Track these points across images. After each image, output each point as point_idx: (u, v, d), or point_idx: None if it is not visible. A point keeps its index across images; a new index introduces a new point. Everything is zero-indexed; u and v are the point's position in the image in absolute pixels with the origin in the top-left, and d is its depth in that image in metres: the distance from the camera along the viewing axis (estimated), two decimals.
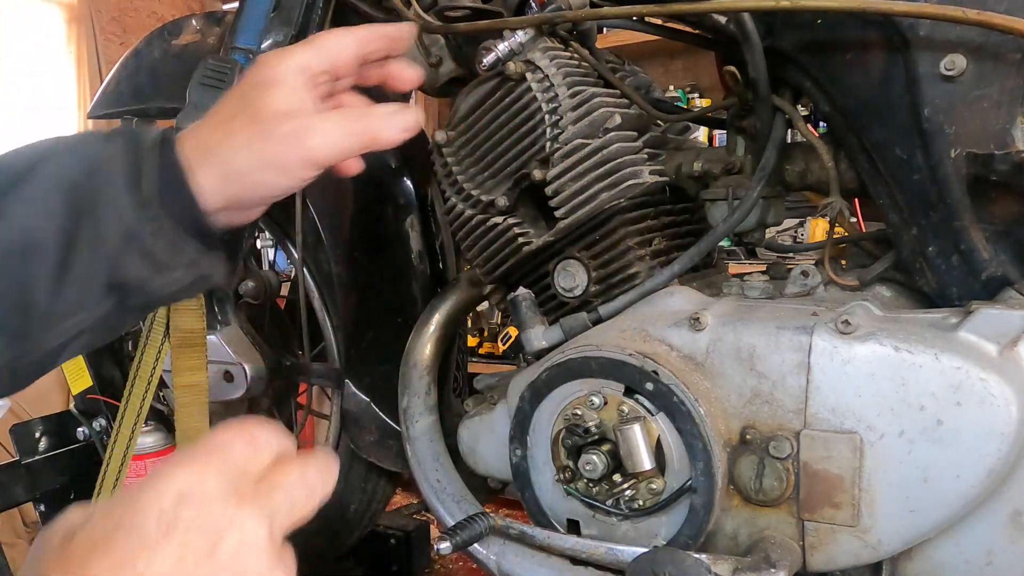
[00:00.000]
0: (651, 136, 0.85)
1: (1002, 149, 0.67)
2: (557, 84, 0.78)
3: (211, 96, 0.96)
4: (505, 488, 0.88)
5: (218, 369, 1.14)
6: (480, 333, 2.57)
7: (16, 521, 2.36)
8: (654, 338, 0.71)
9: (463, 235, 0.88)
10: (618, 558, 0.67)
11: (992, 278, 0.70)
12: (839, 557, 0.65)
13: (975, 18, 0.61)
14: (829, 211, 0.73)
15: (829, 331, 0.64)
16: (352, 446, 1.15)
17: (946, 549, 0.65)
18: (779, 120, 0.77)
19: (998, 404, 0.59)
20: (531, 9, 0.85)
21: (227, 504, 0.35)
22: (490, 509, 0.76)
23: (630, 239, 0.79)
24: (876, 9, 0.65)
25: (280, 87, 0.57)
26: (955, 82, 0.67)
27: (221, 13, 1.28)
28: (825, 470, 0.64)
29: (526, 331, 0.81)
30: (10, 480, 1.20)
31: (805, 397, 0.65)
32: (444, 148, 0.87)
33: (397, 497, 1.65)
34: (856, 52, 0.71)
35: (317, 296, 1.18)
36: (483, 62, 0.81)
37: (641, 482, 0.69)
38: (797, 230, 2.28)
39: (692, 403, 0.66)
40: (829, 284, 0.78)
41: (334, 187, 1.11)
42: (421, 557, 1.40)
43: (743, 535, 0.69)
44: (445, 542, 0.66)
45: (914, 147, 0.70)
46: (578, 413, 0.71)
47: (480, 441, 0.85)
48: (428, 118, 3.19)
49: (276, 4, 1.03)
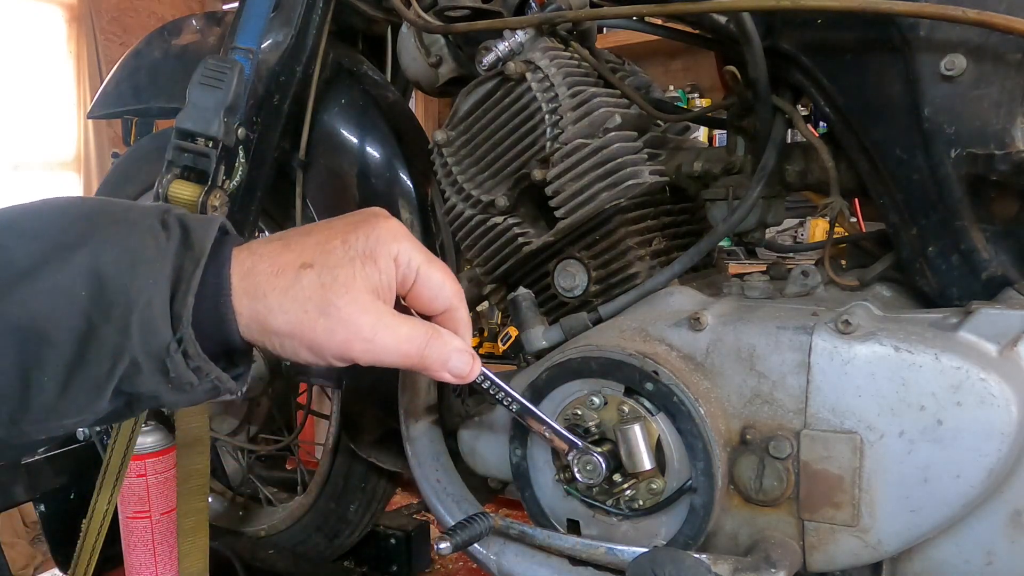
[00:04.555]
0: (651, 136, 0.85)
1: (1002, 149, 0.67)
2: (557, 84, 0.78)
3: (211, 96, 0.97)
4: (505, 488, 0.88)
5: None
6: (480, 333, 2.57)
7: (16, 521, 2.36)
8: (654, 338, 0.71)
9: (463, 235, 0.88)
10: (618, 558, 0.67)
11: (992, 278, 0.70)
12: (839, 557, 0.65)
13: (975, 18, 0.61)
14: (829, 211, 0.73)
15: (829, 331, 0.64)
16: (352, 446, 1.15)
17: (946, 549, 0.65)
18: (779, 120, 0.77)
19: (998, 404, 0.59)
20: (531, 9, 0.85)
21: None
22: (490, 509, 0.76)
23: (630, 239, 0.79)
24: (876, 9, 0.65)
25: (372, 266, 0.51)
26: (955, 82, 0.67)
27: (221, 13, 1.28)
28: (825, 470, 0.64)
29: (526, 331, 0.81)
30: (10, 480, 1.20)
31: (805, 397, 0.65)
32: (444, 148, 0.87)
33: (397, 497, 1.64)
34: (856, 52, 0.71)
35: None
36: (483, 62, 0.81)
37: (641, 482, 0.69)
38: (797, 230, 2.28)
39: (692, 403, 0.66)
40: (829, 284, 0.78)
41: (334, 187, 1.11)
42: (421, 557, 1.40)
43: (743, 535, 0.69)
44: (445, 542, 0.66)
45: (914, 147, 0.70)
46: (578, 413, 0.71)
47: (480, 441, 0.84)
48: (428, 118, 3.19)
49: (276, 4, 1.03)
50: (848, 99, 0.73)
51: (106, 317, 0.46)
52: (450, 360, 0.55)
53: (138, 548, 1.09)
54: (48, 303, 0.45)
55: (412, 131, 1.13)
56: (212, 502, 1.37)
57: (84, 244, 0.47)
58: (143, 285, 0.46)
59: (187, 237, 0.49)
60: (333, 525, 1.27)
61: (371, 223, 0.53)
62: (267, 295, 0.49)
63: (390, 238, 0.52)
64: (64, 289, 0.45)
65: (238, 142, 1.00)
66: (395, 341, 0.52)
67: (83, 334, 0.46)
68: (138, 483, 1.08)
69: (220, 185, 0.99)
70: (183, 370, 0.48)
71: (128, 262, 0.47)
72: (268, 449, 1.40)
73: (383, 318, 0.51)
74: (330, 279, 0.50)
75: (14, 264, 0.45)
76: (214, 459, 1.40)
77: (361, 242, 0.51)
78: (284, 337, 0.50)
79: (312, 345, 0.50)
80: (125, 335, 0.46)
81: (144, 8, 3.70)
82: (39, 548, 2.31)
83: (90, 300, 0.46)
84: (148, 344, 0.46)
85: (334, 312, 0.50)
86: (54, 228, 0.48)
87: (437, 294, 0.55)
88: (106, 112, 1.32)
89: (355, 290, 0.50)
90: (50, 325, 0.45)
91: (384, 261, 0.52)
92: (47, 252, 0.46)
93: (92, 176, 3.41)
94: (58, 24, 3.36)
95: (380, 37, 1.25)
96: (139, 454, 1.07)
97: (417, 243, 0.54)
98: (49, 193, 2.93)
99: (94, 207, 0.51)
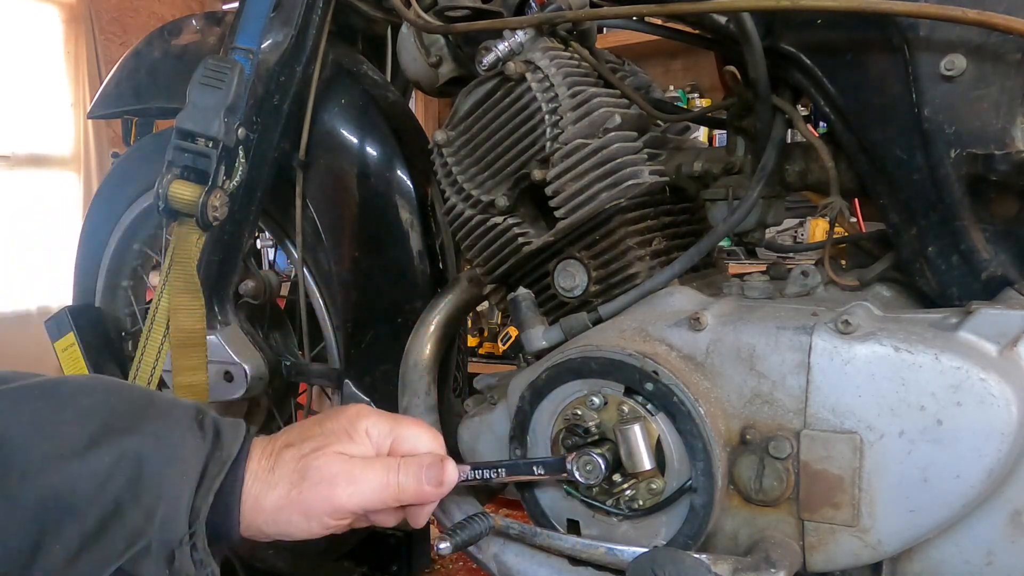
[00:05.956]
0: (651, 136, 0.85)
1: (1002, 149, 0.67)
2: (557, 84, 0.78)
3: (211, 96, 0.97)
4: (505, 488, 0.88)
5: (218, 369, 1.14)
6: (480, 333, 2.57)
7: None
8: (654, 338, 0.71)
9: (463, 235, 0.87)
10: (618, 558, 0.67)
11: (992, 278, 0.70)
12: (839, 557, 0.65)
13: (975, 18, 0.61)
14: (829, 211, 0.73)
15: (829, 331, 0.64)
16: None
17: (946, 549, 0.65)
18: (779, 120, 0.77)
19: (998, 404, 0.59)
20: (531, 9, 0.85)
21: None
22: (490, 509, 0.76)
23: (630, 239, 0.79)
24: (876, 9, 0.65)
25: (348, 440, 0.59)
26: (955, 82, 0.67)
27: (221, 13, 1.28)
28: (825, 470, 0.64)
29: (526, 331, 0.81)
30: None
31: (805, 397, 0.65)
32: (444, 148, 0.87)
33: None
34: (856, 52, 0.71)
35: (317, 296, 1.18)
36: (483, 62, 0.81)
37: (641, 482, 0.69)
38: (797, 230, 2.28)
39: (692, 403, 0.66)
40: (829, 284, 0.78)
41: (334, 187, 1.11)
42: (421, 557, 1.40)
43: (743, 535, 0.69)
44: (445, 542, 0.66)
45: (914, 147, 0.70)
46: (578, 413, 0.71)
47: (480, 441, 0.84)
48: (428, 118, 3.19)
49: (276, 4, 1.03)
50: (848, 99, 0.73)
51: (136, 502, 0.50)
52: (427, 473, 0.60)
53: None
54: (90, 480, 0.49)
55: (412, 131, 1.13)
56: None
57: (133, 432, 0.51)
58: (176, 479, 0.51)
59: (218, 440, 0.55)
60: None
61: (344, 409, 0.61)
62: (257, 478, 0.56)
63: (360, 416, 0.60)
64: (106, 470, 0.49)
65: (238, 142, 1.00)
66: (375, 474, 0.58)
67: (109, 513, 0.49)
68: None
69: (220, 185, 0.99)
70: (187, 562, 0.52)
71: (167, 457, 0.52)
72: None
73: (357, 464, 0.58)
74: (308, 449, 0.57)
75: (71, 439, 0.50)
76: None
77: (333, 423, 0.60)
78: (278, 512, 0.55)
79: (302, 508, 0.56)
80: (149, 522, 0.50)
81: (144, 8, 3.70)
82: None
83: (126, 485, 0.50)
84: (166, 533, 0.50)
85: (314, 472, 0.56)
86: (105, 410, 0.52)
87: (415, 445, 0.62)
88: (106, 112, 1.32)
89: (328, 452, 0.57)
90: (82, 500, 0.49)
91: (359, 436, 0.59)
92: (98, 435, 0.50)
93: (92, 176, 3.41)
94: (55, 24, 3.36)
95: (380, 37, 1.25)
96: None
97: (385, 414, 0.62)
98: (48, 194, 2.95)
99: (143, 397, 0.55)
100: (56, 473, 0.49)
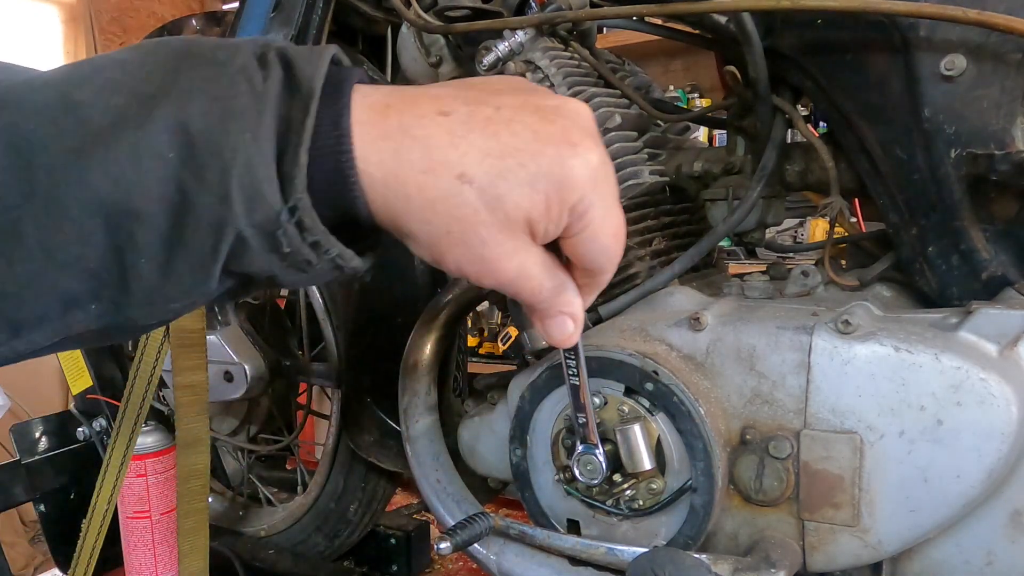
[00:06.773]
0: (651, 136, 0.85)
1: (1002, 149, 0.67)
2: (557, 84, 0.78)
3: None
4: (505, 488, 0.88)
5: (218, 369, 1.14)
6: (480, 333, 2.57)
7: (16, 521, 2.36)
8: (654, 338, 0.71)
9: None
10: (618, 558, 0.67)
11: (992, 278, 0.70)
12: (839, 557, 0.65)
13: (975, 18, 0.61)
14: (829, 211, 0.73)
15: (829, 331, 0.64)
16: (352, 446, 1.15)
17: (946, 549, 0.65)
18: (779, 120, 0.77)
19: (998, 404, 0.59)
20: (531, 9, 0.85)
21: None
22: (490, 509, 0.76)
23: (630, 239, 0.79)
24: (876, 9, 0.65)
25: (542, 205, 0.41)
26: (955, 82, 0.67)
27: (221, 13, 1.28)
28: (825, 470, 0.64)
29: (526, 331, 0.81)
30: (10, 480, 1.20)
31: (805, 397, 0.65)
32: None
33: (397, 497, 1.65)
34: (856, 52, 0.71)
35: (317, 296, 1.18)
36: (483, 62, 0.81)
37: (641, 482, 0.69)
38: (797, 230, 2.28)
39: (692, 403, 0.66)
40: (829, 284, 0.78)
41: None
42: (421, 557, 1.40)
43: (743, 535, 0.69)
44: (445, 542, 0.66)
45: (914, 147, 0.70)
46: None
47: (480, 441, 0.84)
48: None
49: (276, 4, 1.03)
50: (848, 99, 0.73)
51: (201, 184, 0.37)
52: (565, 316, 0.47)
53: (138, 548, 1.09)
54: (132, 169, 0.37)
55: None
56: (212, 502, 1.37)
57: (166, 95, 0.38)
58: (238, 142, 0.37)
59: (291, 76, 0.39)
60: (333, 525, 1.27)
61: (567, 150, 0.42)
62: (409, 196, 0.39)
63: (580, 181, 0.42)
64: (148, 151, 0.37)
65: None
66: (543, 271, 0.44)
67: (177, 206, 0.37)
68: (138, 483, 1.08)
69: None
70: (299, 245, 0.39)
71: (218, 114, 0.38)
72: (268, 449, 1.40)
73: (529, 257, 0.43)
74: (491, 206, 0.40)
75: (91, 123, 0.37)
76: (214, 459, 1.40)
77: (545, 167, 0.41)
78: (420, 246, 0.42)
79: (451, 266, 0.42)
80: (225, 205, 0.37)
81: (144, 8, 3.70)
82: (39, 548, 2.31)
83: (180, 163, 0.37)
84: (253, 215, 0.38)
85: (478, 247, 0.41)
86: (135, 78, 0.38)
87: (592, 257, 0.45)
88: None
89: (511, 227, 0.41)
90: (137, 196, 0.37)
91: (557, 209, 0.42)
92: (124, 107, 0.37)
93: None
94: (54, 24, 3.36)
95: (380, 37, 1.25)
96: (139, 454, 1.08)
97: (606, 191, 0.44)
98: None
99: (179, 48, 0.40)
100: (91, 172, 0.37)
